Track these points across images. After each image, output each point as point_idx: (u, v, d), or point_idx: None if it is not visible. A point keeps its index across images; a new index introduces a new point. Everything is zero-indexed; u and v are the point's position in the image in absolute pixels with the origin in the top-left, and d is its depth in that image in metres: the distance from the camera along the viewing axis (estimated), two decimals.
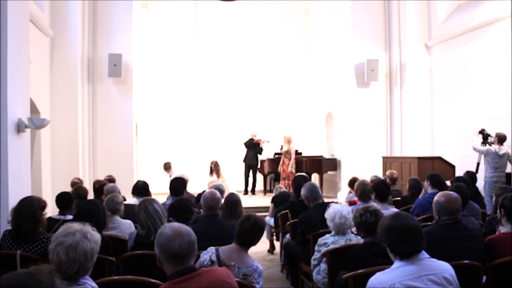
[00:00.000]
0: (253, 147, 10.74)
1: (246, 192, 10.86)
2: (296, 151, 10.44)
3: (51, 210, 5.07)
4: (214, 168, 9.66)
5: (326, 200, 4.45)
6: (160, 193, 7.79)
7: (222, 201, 4.34)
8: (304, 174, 6.14)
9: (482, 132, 7.32)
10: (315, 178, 10.78)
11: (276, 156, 10.74)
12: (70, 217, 4.00)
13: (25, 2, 5.03)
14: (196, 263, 2.38)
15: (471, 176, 5.75)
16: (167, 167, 9.94)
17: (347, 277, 2.78)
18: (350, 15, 9.93)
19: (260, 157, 10.99)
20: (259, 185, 11.39)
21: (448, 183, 5.16)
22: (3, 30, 4.33)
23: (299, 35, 12.55)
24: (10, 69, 4.41)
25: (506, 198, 3.17)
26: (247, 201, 9.26)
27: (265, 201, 8.83)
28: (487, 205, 5.83)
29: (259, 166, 11.04)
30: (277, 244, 6.28)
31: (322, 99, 11.82)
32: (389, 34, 9.99)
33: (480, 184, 6.48)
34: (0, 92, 4.33)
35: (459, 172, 7.05)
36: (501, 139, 6.97)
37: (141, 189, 5.17)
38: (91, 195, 5.57)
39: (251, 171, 10.91)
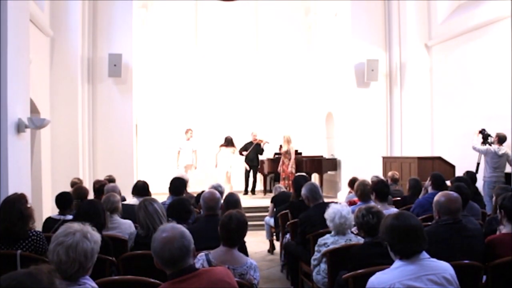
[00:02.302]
0: (252, 150, 10.71)
1: (246, 192, 10.85)
2: (296, 151, 10.43)
3: (51, 210, 5.07)
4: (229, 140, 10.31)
5: (326, 200, 4.44)
6: (160, 193, 7.78)
7: (222, 201, 4.35)
8: (304, 174, 6.13)
9: (482, 132, 7.32)
10: (315, 178, 10.77)
11: (276, 156, 10.74)
12: (70, 217, 4.00)
13: (25, 2, 5.04)
14: None
15: (471, 176, 5.75)
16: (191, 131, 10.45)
17: (347, 277, 2.77)
18: (350, 15, 9.93)
19: (260, 157, 10.98)
20: (259, 185, 11.39)
21: (448, 183, 5.15)
22: (3, 30, 4.34)
23: (299, 35, 12.54)
24: (10, 69, 4.42)
25: (505, 199, 3.16)
26: (247, 201, 9.26)
27: (265, 201, 8.81)
28: (486, 205, 5.83)
29: (259, 166, 11.03)
30: (277, 244, 6.28)
31: (322, 99, 11.81)
32: (389, 34, 9.99)
33: (479, 184, 6.48)
34: (0, 92, 4.33)
35: (459, 172, 7.05)
36: (501, 139, 6.97)
37: (141, 189, 5.17)
38: (91, 195, 5.57)
39: (251, 171, 10.90)
